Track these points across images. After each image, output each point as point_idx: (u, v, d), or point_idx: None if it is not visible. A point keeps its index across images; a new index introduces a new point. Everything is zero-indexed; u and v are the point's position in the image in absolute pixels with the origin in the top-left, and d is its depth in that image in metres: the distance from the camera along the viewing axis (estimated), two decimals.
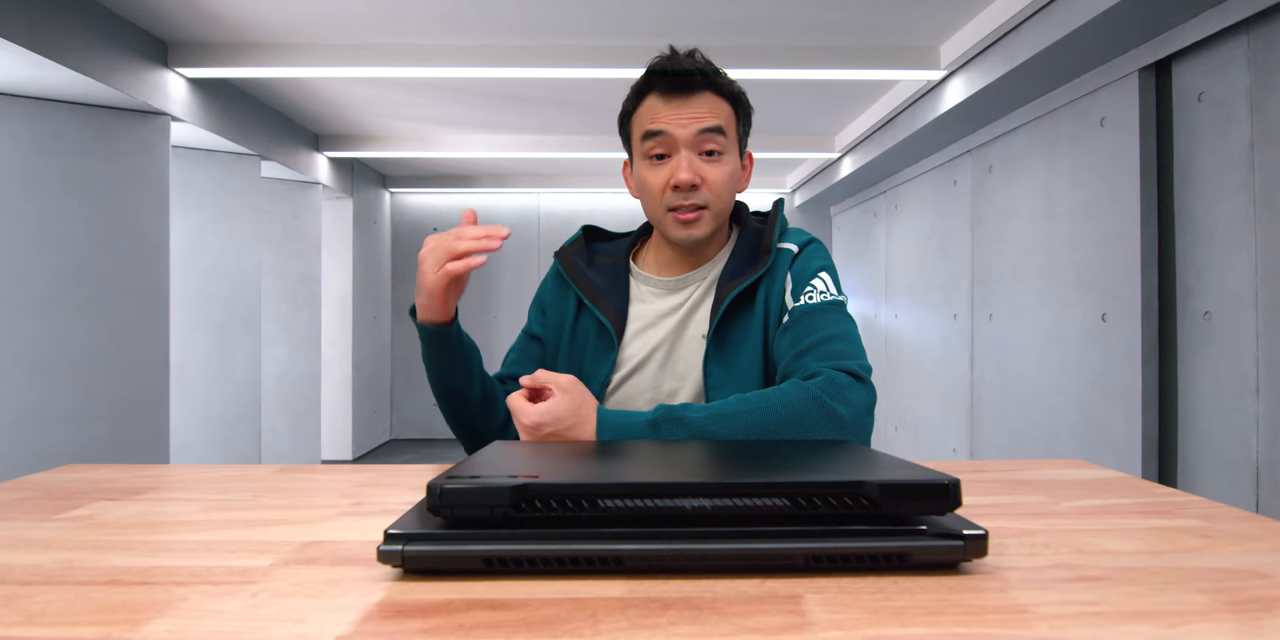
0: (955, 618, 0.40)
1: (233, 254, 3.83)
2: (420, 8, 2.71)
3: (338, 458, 5.22)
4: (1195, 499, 0.68)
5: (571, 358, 1.06)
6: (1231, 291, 2.12)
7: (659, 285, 1.06)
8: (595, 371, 1.03)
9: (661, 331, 1.03)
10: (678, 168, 0.94)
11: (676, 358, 1.02)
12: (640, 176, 0.99)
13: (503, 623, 0.40)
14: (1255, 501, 2.02)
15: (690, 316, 1.03)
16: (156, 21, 2.81)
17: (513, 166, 5.49)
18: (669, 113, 0.95)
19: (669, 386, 1.02)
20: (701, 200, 0.96)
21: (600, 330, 1.04)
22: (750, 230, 1.06)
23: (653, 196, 0.98)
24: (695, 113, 0.94)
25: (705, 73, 0.96)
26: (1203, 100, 2.24)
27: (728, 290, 0.98)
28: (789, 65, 3.06)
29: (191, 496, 0.72)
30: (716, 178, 0.96)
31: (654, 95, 0.97)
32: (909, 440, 4.48)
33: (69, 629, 0.39)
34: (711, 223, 0.98)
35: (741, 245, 1.04)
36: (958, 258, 3.80)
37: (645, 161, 0.98)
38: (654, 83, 0.96)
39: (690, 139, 0.95)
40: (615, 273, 1.07)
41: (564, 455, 0.68)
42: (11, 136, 2.70)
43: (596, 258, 1.10)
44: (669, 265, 1.06)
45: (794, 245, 1.02)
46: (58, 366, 2.77)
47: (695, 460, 0.67)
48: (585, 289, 1.05)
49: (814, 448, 0.69)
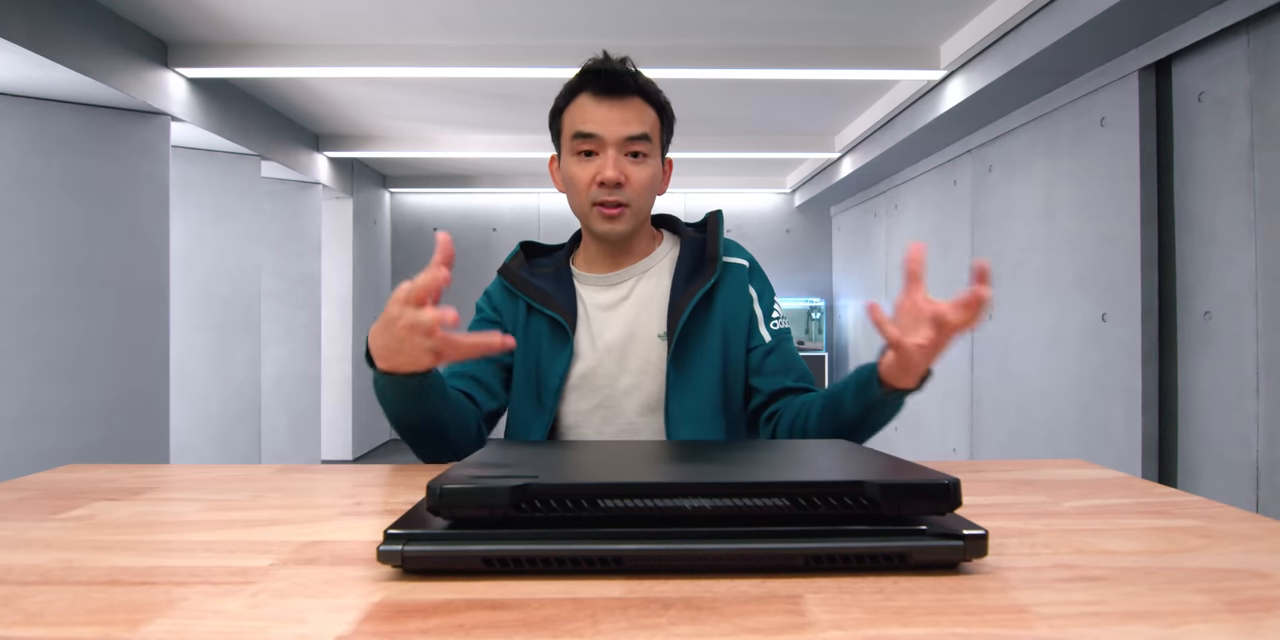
0: (955, 618, 0.40)
1: (233, 254, 3.83)
2: (420, 8, 2.71)
3: (338, 458, 5.21)
4: (1195, 499, 0.68)
5: (525, 359, 1.08)
6: (1231, 291, 2.12)
7: (597, 282, 1.11)
8: (552, 365, 1.06)
9: (612, 326, 1.08)
10: (604, 165, 1.00)
11: (632, 354, 1.06)
12: (568, 171, 1.04)
13: (503, 623, 0.40)
14: (1255, 501, 2.02)
15: (641, 314, 1.08)
16: (156, 21, 2.81)
17: (513, 166, 5.49)
18: (600, 114, 1.00)
19: (626, 382, 1.06)
20: (624, 198, 1.01)
21: (553, 326, 1.07)
22: (692, 239, 1.13)
23: (579, 191, 1.03)
24: (624, 117, 1.00)
25: (637, 79, 1.02)
26: (1203, 100, 2.24)
27: (687, 296, 1.05)
28: (789, 65, 3.06)
29: (191, 496, 0.72)
30: (639, 178, 1.02)
31: (586, 94, 1.02)
32: (909, 440, 4.48)
33: (69, 629, 0.39)
34: (632, 219, 1.04)
35: (687, 252, 1.11)
36: (958, 258, 3.80)
37: (574, 157, 1.03)
38: (587, 82, 1.02)
39: (618, 141, 1.00)
40: (558, 276, 1.12)
41: (564, 455, 0.68)
42: (11, 136, 2.70)
43: (538, 269, 1.15)
44: (601, 263, 1.11)
45: (742, 260, 1.11)
46: (58, 366, 2.77)
47: (695, 460, 0.67)
48: (533, 294, 1.09)
49: (814, 448, 0.69)
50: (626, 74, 1.01)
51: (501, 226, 6.13)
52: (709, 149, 4.69)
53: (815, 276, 6.18)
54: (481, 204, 6.14)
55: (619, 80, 1.00)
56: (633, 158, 1.01)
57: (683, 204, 6.06)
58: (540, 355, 1.07)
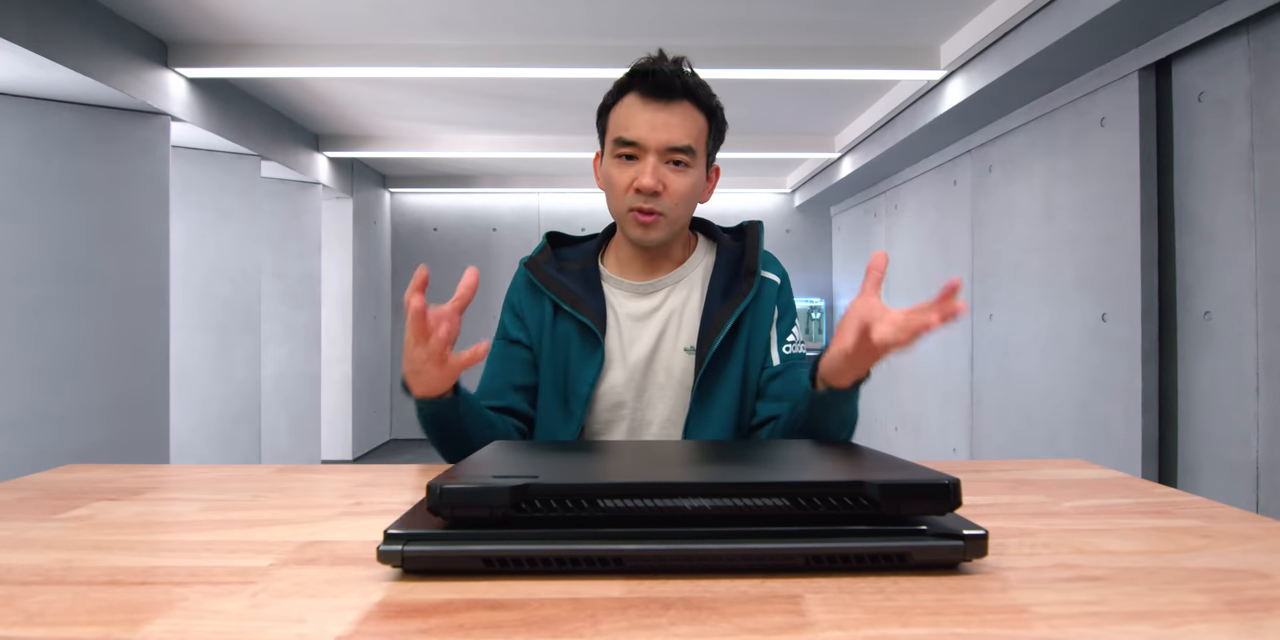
0: (955, 618, 0.40)
1: (233, 254, 3.82)
2: (420, 8, 2.71)
3: (338, 458, 5.21)
4: (1195, 499, 0.68)
5: (554, 360, 1.05)
6: (1231, 291, 2.12)
7: (629, 289, 1.08)
8: (582, 372, 1.03)
9: (642, 335, 1.05)
10: (643, 172, 0.97)
11: (658, 365, 1.04)
12: (608, 173, 1.01)
13: (503, 623, 0.40)
14: (1255, 501, 2.02)
15: (670, 324, 1.05)
16: (156, 21, 2.81)
17: (513, 166, 5.49)
18: (645, 118, 0.97)
19: (650, 394, 1.04)
20: (660, 207, 0.98)
21: (583, 331, 1.04)
22: (729, 248, 1.10)
23: (617, 194, 1.00)
24: (669, 123, 0.97)
25: (687, 82, 0.98)
26: (1203, 100, 2.24)
27: (725, 313, 1.02)
28: (789, 65, 3.06)
29: (191, 496, 0.72)
30: (678, 188, 0.98)
31: (634, 94, 0.99)
32: (909, 440, 4.48)
33: (69, 629, 0.39)
34: (667, 229, 1.01)
35: (723, 262, 1.08)
36: (958, 258, 3.80)
37: (614, 160, 1.00)
38: (636, 82, 0.99)
39: (660, 148, 0.97)
40: (586, 276, 1.09)
41: (564, 455, 0.68)
42: (11, 136, 2.70)
43: (565, 264, 1.11)
44: (634, 268, 1.08)
45: (776, 276, 1.08)
46: (58, 366, 2.77)
47: (695, 460, 0.67)
48: (561, 293, 1.05)
49: (814, 448, 0.69)
50: (676, 76, 0.97)
51: (501, 226, 6.13)
52: None
53: (815, 276, 6.18)
54: (481, 204, 6.14)
55: (667, 83, 0.96)
56: (674, 165, 0.98)
57: None
58: (569, 360, 1.05)
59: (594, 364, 1.03)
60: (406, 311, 0.77)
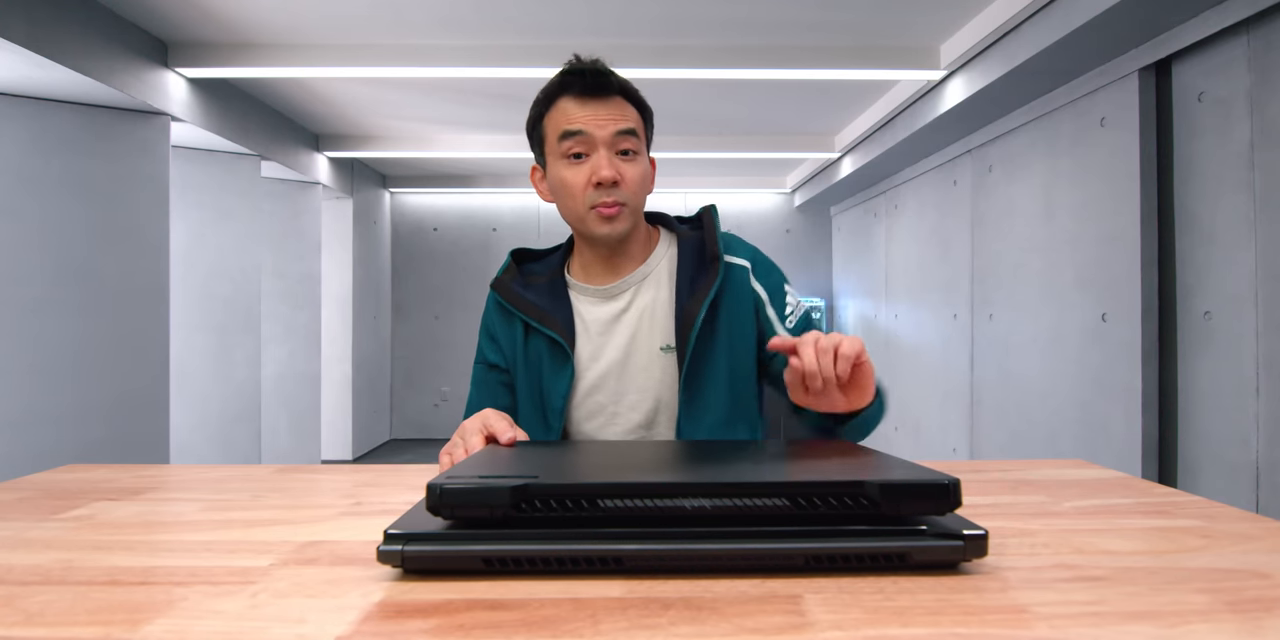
0: (955, 618, 0.40)
1: (233, 254, 3.82)
2: (420, 8, 2.71)
3: (338, 458, 5.21)
4: (1195, 499, 0.68)
5: (528, 378, 1.06)
6: (1231, 291, 2.12)
7: (595, 294, 1.07)
8: (555, 385, 1.03)
9: (613, 340, 1.04)
10: (599, 165, 0.96)
11: (635, 368, 1.03)
12: (559, 176, 1.00)
13: (503, 623, 0.40)
14: (1255, 501, 2.02)
15: (642, 325, 1.04)
16: (156, 21, 2.81)
17: (513, 166, 5.48)
18: (585, 114, 0.97)
19: (631, 398, 1.03)
20: (621, 198, 0.98)
21: (552, 346, 1.04)
22: (688, 239, 1.08)
23: (574, 195, 0.99)
24: (611, 114, 0.97)
25: (618, 79, 1.00)
26: (1203, 100, 2.24)
27: (695, 305, 1.00)
28: (789, 65, 3.06)
29: (191, 496, 0.72)
30: (633, 176, 0.99)
31: (568, 98, 0.98)
32: (909, 440, 4.48)
33: (69, 629, 0.39)
34: (630, 218, 1.00)
35: (686, 253, 1.07)
36: (958, 258, 3.80)
37: (563, 161, 0.99)
38: (569, 84, 0.98)
39: (608, 139, 0.97)
40: (553, 288, 1.09)
41: (564, 455, 0.68)
42: (11, 136, 2.70)
43: (531, 279, 1.11)
44: (597, 272, 1.08)
45: (743, 260, 1.06)
46: (57, 366, 2.77)
47: (695, 460, 0.67)
48: (529, 311, 1.05)
49: (814, 448, 0.69)
50: (608, 75, 0.99)
51: (501, 226, 6.13)
52: (709, 149, 4.69)
53: (815, 276, 6.18)
54: (481, 204, 6.14)
55: (602, 80, 0.98)
56: (624, 156, 0.98)
57: (683, 204, 6.06)
58: (542, 375, 1.05)
59: (565, 377, 1.03)
60: (487, 434, 0.79)
